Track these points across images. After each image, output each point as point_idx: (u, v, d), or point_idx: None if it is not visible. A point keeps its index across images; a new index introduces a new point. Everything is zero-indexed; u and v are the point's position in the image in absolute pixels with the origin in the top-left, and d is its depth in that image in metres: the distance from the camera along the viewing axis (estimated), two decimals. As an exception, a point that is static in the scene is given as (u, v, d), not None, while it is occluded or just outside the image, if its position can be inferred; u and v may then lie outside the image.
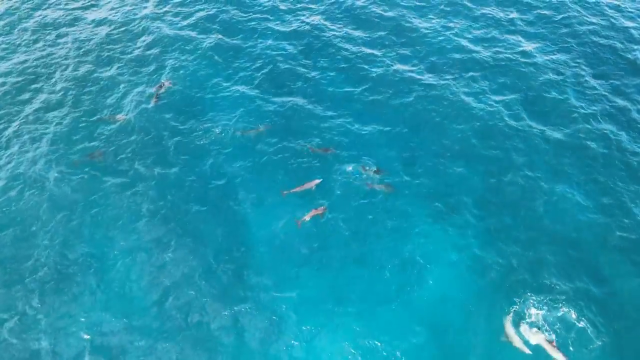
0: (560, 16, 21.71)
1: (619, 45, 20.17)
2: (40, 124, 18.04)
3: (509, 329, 12.44)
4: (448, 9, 22.31)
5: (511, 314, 12.73)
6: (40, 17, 23.12)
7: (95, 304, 13.36)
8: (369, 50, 20.37)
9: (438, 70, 19.43)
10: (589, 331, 12.38)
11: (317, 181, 15.67)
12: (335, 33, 21.25)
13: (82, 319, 13.06)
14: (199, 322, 13.03)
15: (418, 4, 22.68)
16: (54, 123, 17.98)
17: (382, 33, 21.21)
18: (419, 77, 19.14)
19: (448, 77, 19.11)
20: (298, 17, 22.27)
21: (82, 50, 21.11)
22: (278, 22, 22.09)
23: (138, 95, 18.88)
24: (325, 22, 21.86)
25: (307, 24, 21.81)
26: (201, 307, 13.27)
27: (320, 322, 12.87)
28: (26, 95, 19.28)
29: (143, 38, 21.54)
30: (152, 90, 18.88)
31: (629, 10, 22.10)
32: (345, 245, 14.35)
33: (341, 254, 14.18)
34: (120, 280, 13.82)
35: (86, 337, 12.78)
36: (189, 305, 13.35)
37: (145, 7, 23.35)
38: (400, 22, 21.61)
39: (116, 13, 23.13)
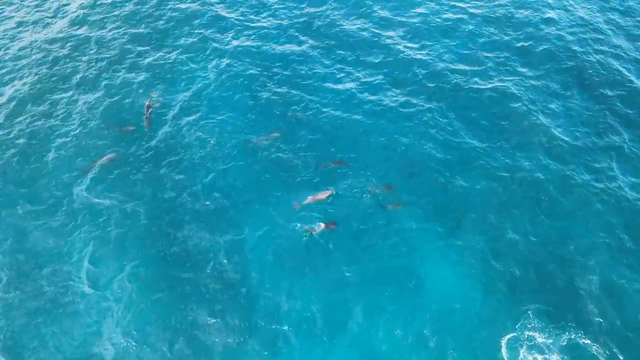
0: (556, 34, 21.60)
1: (619, 67, 20.06)
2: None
3: (511, 353, 12.45)
4: (441, 31, 21.94)
5: (514, 338, 12.72)
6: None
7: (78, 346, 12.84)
8: (363, 71, 20.12)
9: (432, 95, 19.09)
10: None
11: (329, 192, 15.46)
12: (326, 52, 20.93)
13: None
14: (189, 354, 12.69)
15: (411, 27, 22.20)
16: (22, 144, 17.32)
17: (368, 51, 20.95)
18: (414, 100, 18.86)
19: (442, 102, 18.78)
20: (290, 35, 21.88)
21: (48, 66, 20.27)
22: (268, 36, 21.71)
23: (122, 110, 18.35)
24: (317, 41, 21.51)
25: (298, 41, 21.46)
26: (192, 338, 12.92)
27: (318, 348, 12.67)
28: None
29: (118, 52, 20.85)
30: (145, 105, 18.31)
31: (628, 26, 22.03)
32: (345, 265, 14.25)
33: (340, 275, 14.07)
34: (109, 314, 13.36)
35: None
36: (176, 335, 13.00)
37: (120, 21, 22.61)
38: (390, 45, 21.18)
39: (87, 29, 22.21)
